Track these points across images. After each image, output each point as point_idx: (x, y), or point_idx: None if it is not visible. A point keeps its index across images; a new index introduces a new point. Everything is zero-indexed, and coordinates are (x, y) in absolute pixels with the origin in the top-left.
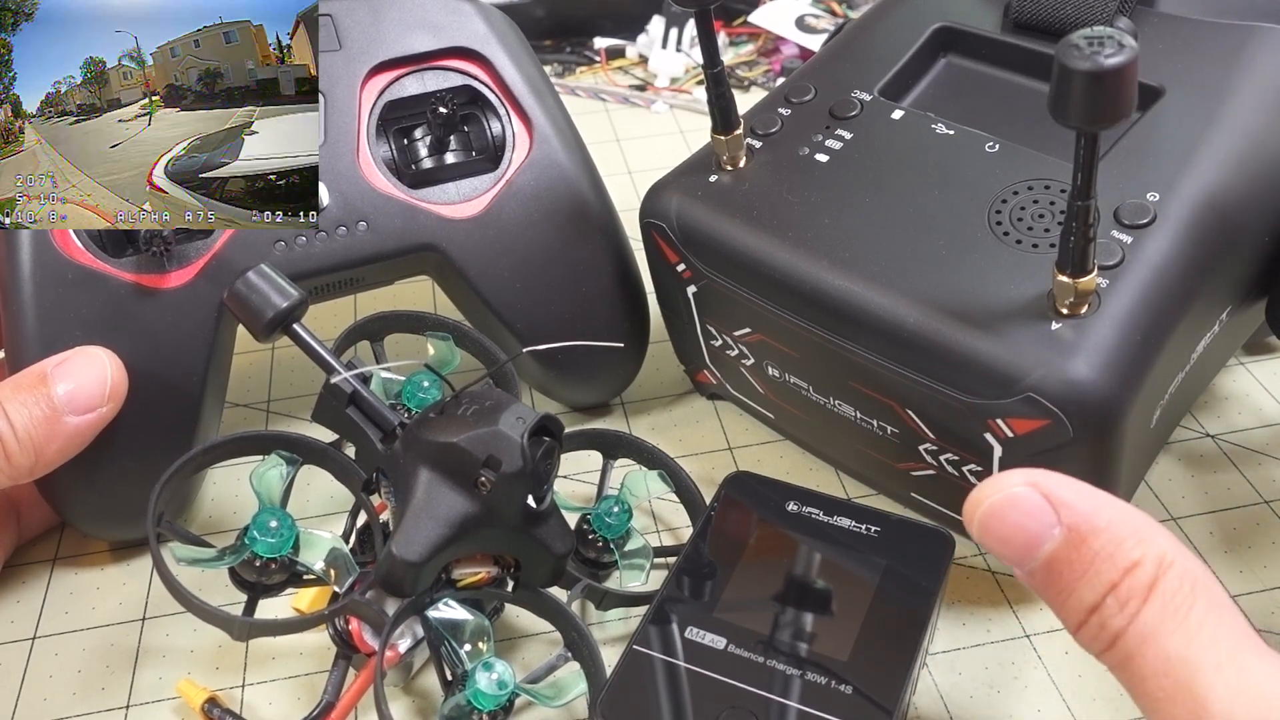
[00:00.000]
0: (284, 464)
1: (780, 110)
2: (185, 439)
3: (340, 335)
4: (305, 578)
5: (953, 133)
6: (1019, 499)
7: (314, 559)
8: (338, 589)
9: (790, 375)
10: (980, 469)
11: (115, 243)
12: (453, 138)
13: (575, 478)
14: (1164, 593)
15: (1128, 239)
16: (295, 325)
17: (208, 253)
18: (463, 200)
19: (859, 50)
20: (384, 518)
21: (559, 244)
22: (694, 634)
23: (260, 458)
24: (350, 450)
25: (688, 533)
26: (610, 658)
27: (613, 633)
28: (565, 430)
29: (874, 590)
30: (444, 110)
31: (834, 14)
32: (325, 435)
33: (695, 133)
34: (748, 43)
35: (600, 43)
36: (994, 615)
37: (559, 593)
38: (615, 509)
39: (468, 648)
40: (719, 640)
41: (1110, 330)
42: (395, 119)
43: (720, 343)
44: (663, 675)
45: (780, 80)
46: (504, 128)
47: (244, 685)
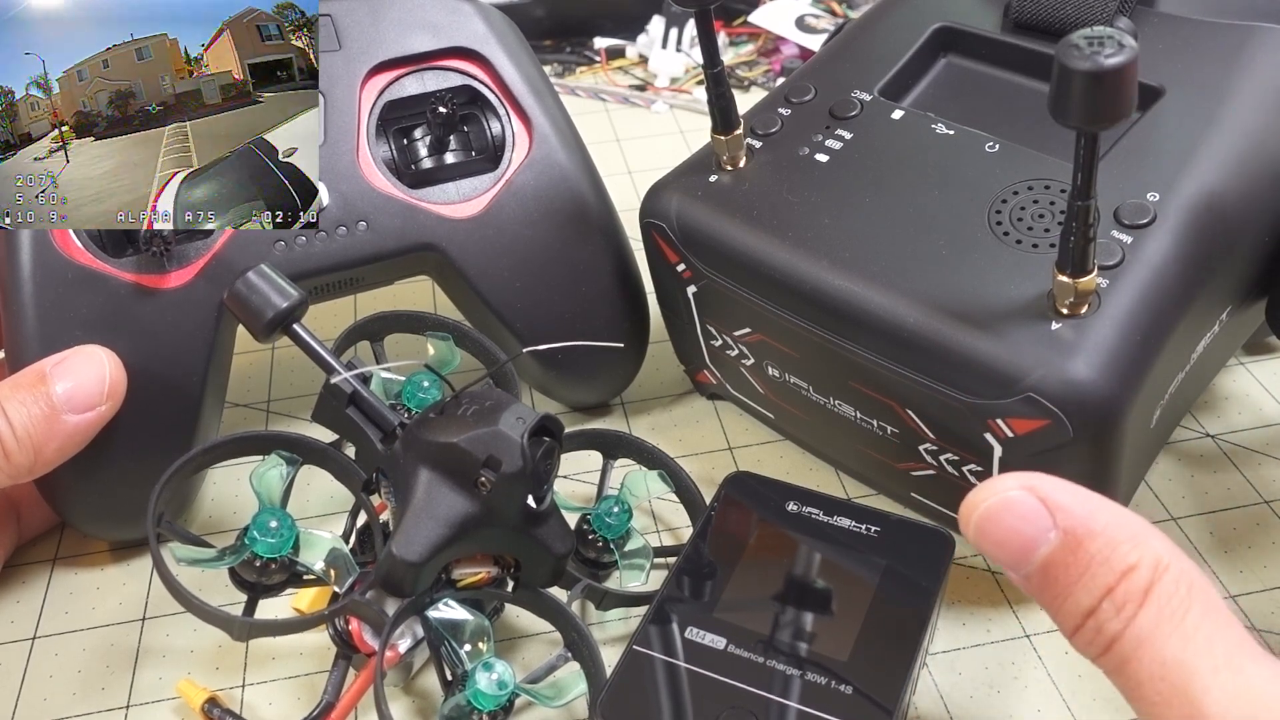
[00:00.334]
0: (284, 464)
1: (780, 110)
2: (185, 439)
3: (340, 335)
4: (305, 578)
5: (953, 133)
6: (1015, 502)
7: (314, 559)
8: (338, 589)
9: (790, 375)
10: (980, 469)
11: (115, 243)
12: (452, 138)
13: (575, 478)
14: (1160, 596)
15: (1128, 239)
16: (295, 325)
17: (208, 253)
18: (462, 200)
19: (859, 50)
20: (384, 518)
21: (559, 244)
22: (694, 634)
23: (260, 458)
24: (350, 450)
25: (688, 533)
26: (610, 658)
27: (613, 633)
28: (565, 430)
29: (874, 590)
30: (444, 110)
31: (834, 14)
32: (325, 435)
33: (695, 133)
34: (748, 43)
35: (600, 43)
36: (994, 615)
37: (559, 593)
38: (615, 509)
39: (468, 648)
40: (719, 640)
41: (1110, 330)
42: (395, 119)
43: (720, 343)
44: (663, 675)
45: (780, 80)
46: (504, 128)
47: (244, 685)
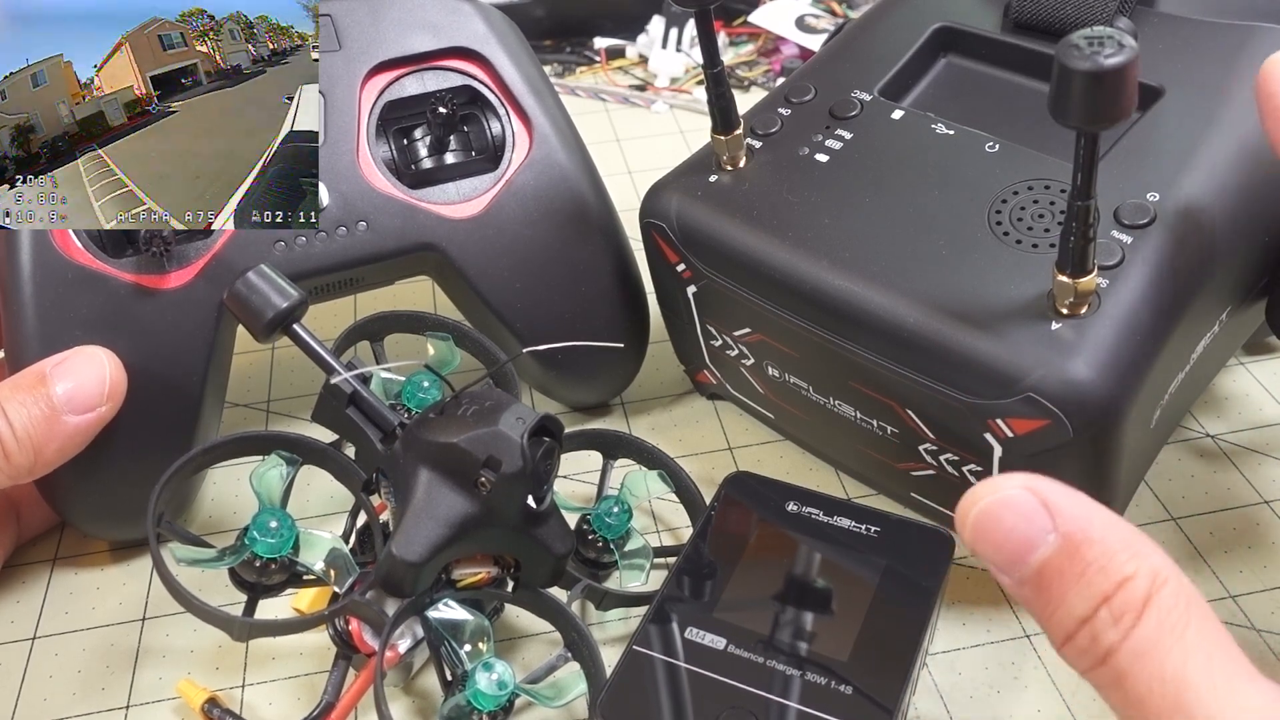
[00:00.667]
0: (284, 464)
1: (780, 110)
2: (185, 439)
3: (340, 335)
4: (305, 578)
5: (953, 133)
6: (1015, 502)
7: (314, 559)
8: (338, 589)
9: (790, 375)
10: (980, 469)
11: (115, 243)
12: (452, 138)
13: (575, 478)
14: (1160, 609)
15: (1128, 239)
16: (295, 325)
17: (208, 253)
18: (462, 200)
19: (859, 50)
20: (384, 518)
21: (559, 244)
22: (694, 634)
23: (260, 458)
24: (350, 450)
25: (688, 533)
26: (610, 658)
27: (613, 633)
28: (565, 430)
29: (874, 590)
30: (444, 110)
31: (834, 14)
32: (325, 435)
33: (695, 133)
34: (748, 43)
35: (600, 43)
36: (994, 615)
37: (559, 593)
38: (615, 509)
39: (468, 648)
40: (719, 640)
41: (1110, 330)
42: (395, 119)
43: (720, 343)
44: (663, 675)
45: (780, 80)
46: (504, 128)
47: (244, 685)
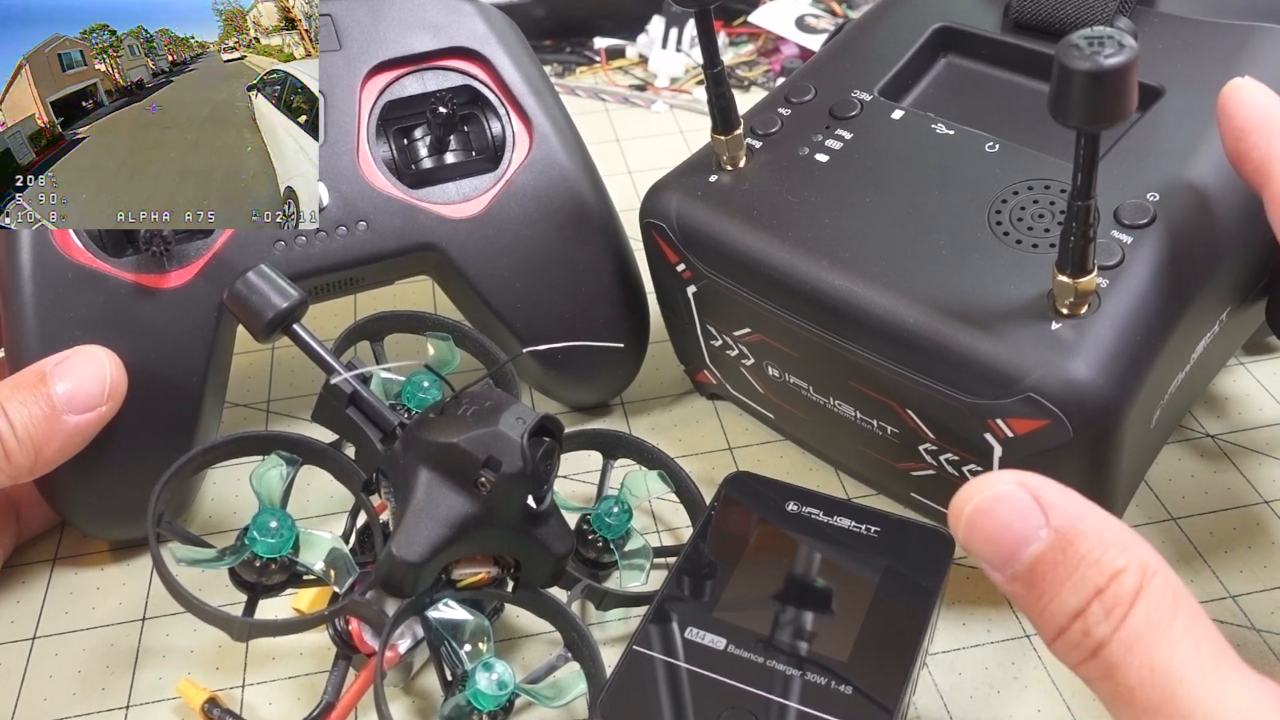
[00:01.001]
0: (284, 464)
1: (780, 110)
2: (185, 439)
3: (340, 335)
4: (305, 578)
5: (953, 133)
6: (1008, 497)
7: (314, 559)
8: (338, 589)
9: (790, 375)
10: (980, 469)
11: (115, 242)
12: (453, 138)
13: (575, 478)
14: (1149, 601)
15: (1128, 239)
16: (295, 325)
17: (208, 253)
18: (463, 200)
19: (859, 50)
20: (384, 518)
21: (559, 244)
22: (694, 634)
23: (260, 458)
24: (350, 450)
25: (688, 533)
26: (610, 658)
27: (613, 633)
28: (565, 430)
29: (874, 590)
30: (444, 110)
31: (834, 14)
32: (325, 435)
33: (695, 133)
34: (748, 43)
35: (600, 43)
36: (994, 615)
37: (559, 593)
38: (615, 509)
39: (468, 648)
40: (719, 640)
41: (1110, 330)
42: (395, 119)
43: (720, 343)
44: (663, 675)
45: (780, 80)
46: (504, 128)
47: (244, 685)
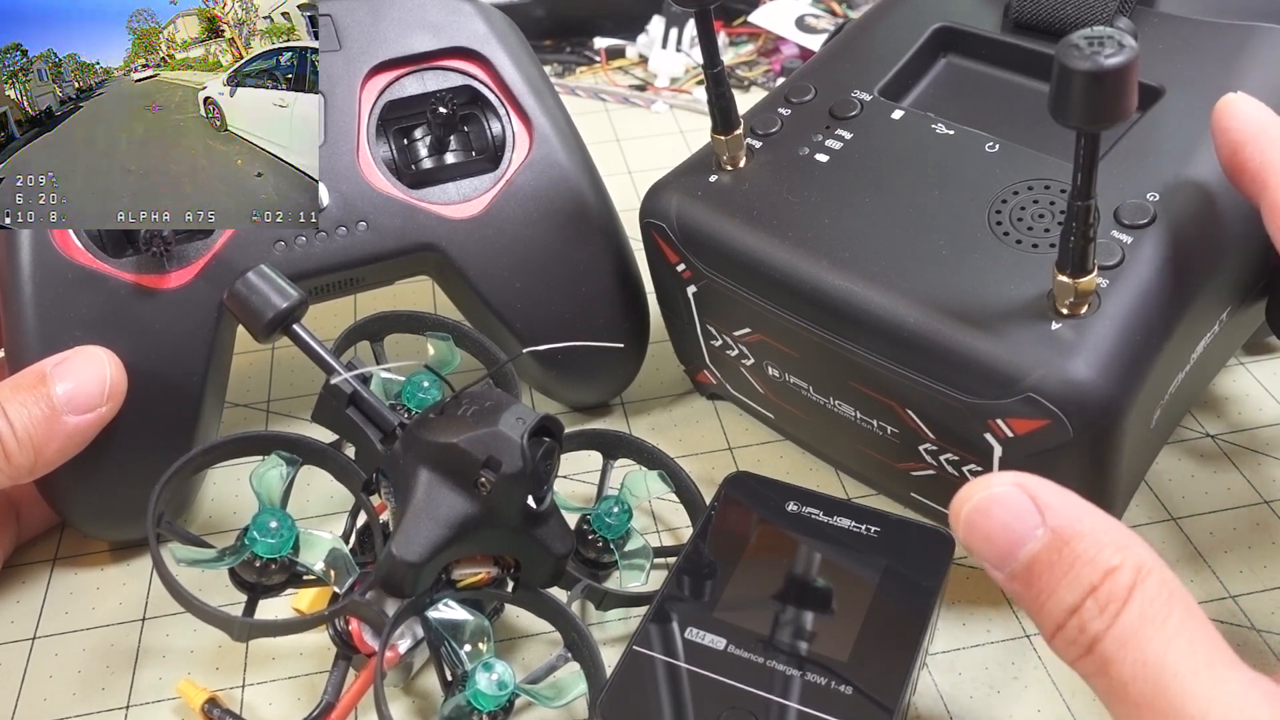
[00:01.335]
0: (284, 464)
1: (780, 110)
2: (185, 439)
3: (340, 335)
4: (305, 578)
5: (953, 133)
6: (1006, 498)
7: (314, 559)
8: (338, 589)
9: (790, 375)
10: (980, 469)
11: (115, 243)
12: (453, 138)
13: (575, 478)
14: (1143, 597)
15: (1128, 239)
16: (295, 325)
17: (208, 253)
18: (463, 200)
19: (859, 50)
20: (384, 518)
21: (559, 244)
22: (694, 634)
23: (260, 458)
24: (350, 450)
25: (688, 533)
26: (610, 658)
27: (613, 633)
28: (565, 430)
29: (874, 590)
30: (444, 110)
31: (834, 14)
32: (325, 435)
33: (695, 133)
34: (748, 43)
35: (600, 43)
36: (994, 615)
37: (559, 593)
38: (615, 509)
39: (468, 648)
40: (719, 640)
41: (1110, 330)
42: (395, 119)
43: (720, 343)
44: (663, 675)
45: (780, 80)
46: (504, 128)
47: (244, 685)
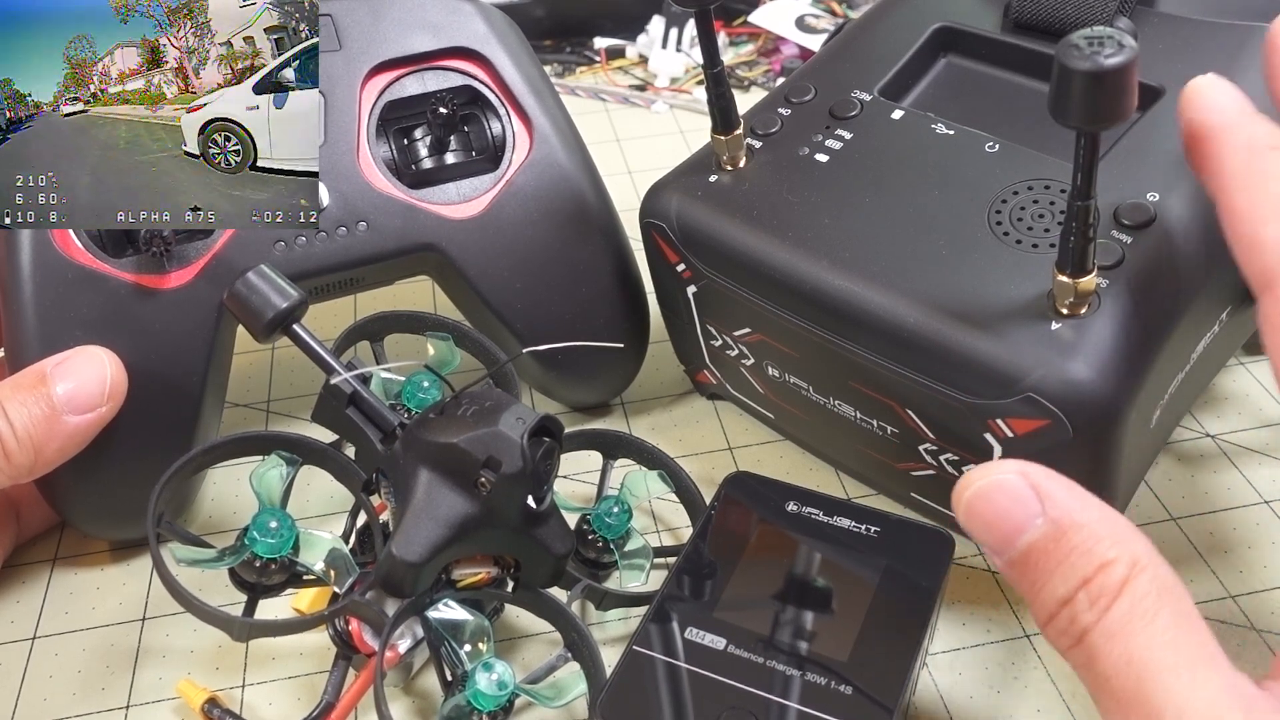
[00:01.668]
0: (284, 464)
1: (780, 110)
2: (185, 439)
3: (340, 335)
4: (305, 578)
5: (953, 133)
6: (1007, 485)
7: (314, 559)
8: (338, 589)
9: (790, 375)
10: None
11: (115, 243)
12: (453, 138)
13: (575, 478)
14: (1134, 594)
15: (1128, 239)
16: (295, 325)
17: (208, 253)
18: (463, 200)
19: (859, 50)
20: (384, 518)
21: (559, 244)
22: (694, 634)
23: (260, 458)
24: (350, 450)
25: (688, 533)
26: (610, 658)
27: (613, 633)
28: (565, 430)
29: (874, 590)
30: (444, 110)
31: (834, 14)
32: (325, 435)
33: (695, 133)
34: (748, 43)
35: (600, 43)
36: (994, 615)
37: (559, 593)
38: (615, 509)
39: (468, 648)
40: (719, 640)
41: (1110, 330)
42: (395, 119)
43: (720, 343)
44: (663, 675)
45: (780, 80)
46: (504, 128)
47: (244, 685)
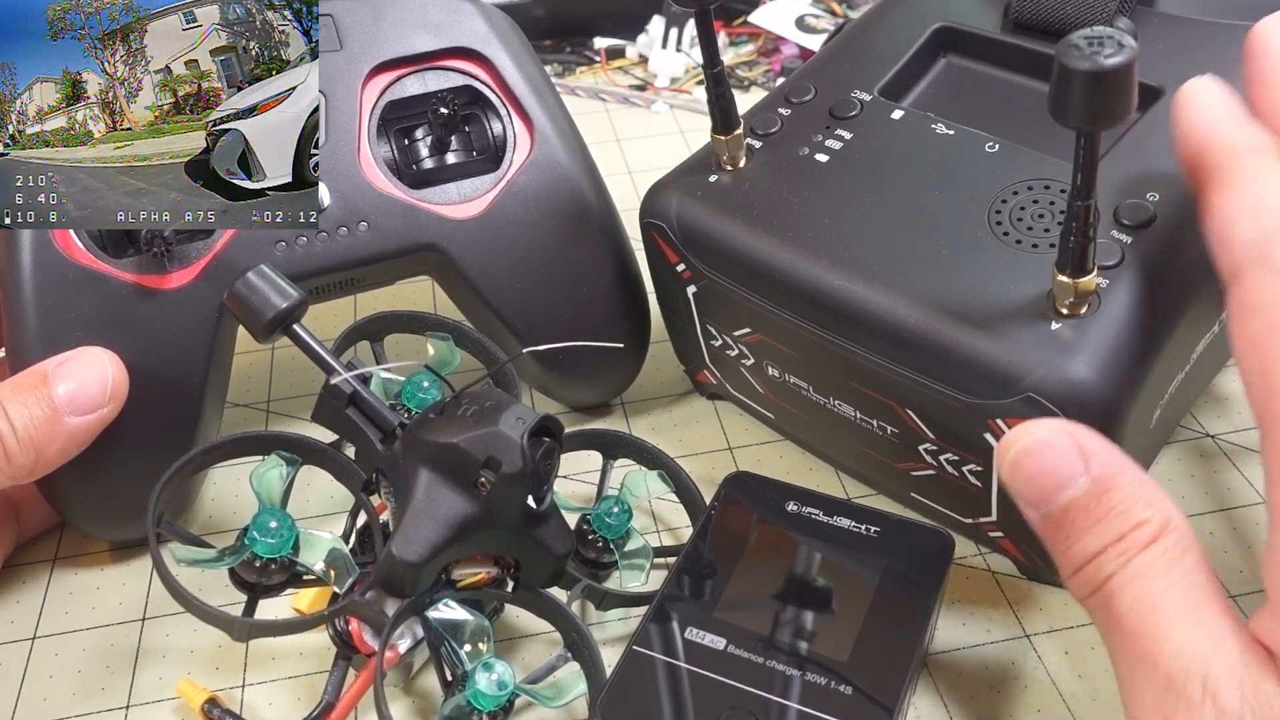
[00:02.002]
0: (284, 464)
1: (780, 110)
2: (185, 439)
3: (340, 335)
4: (305, 578)
5: (953, 133)
6: (1055, 443)
7: (314, 559)
8: (338, 589)
9: (790, 375)
10: (980, 469)
11: (116, 243)
12: (454, 138)
13: (575, 478)
14: (1160, 548)
15: (1128, 239)
16: (295, 326)
17: (208, 253)
18: (463, 200)
19: (859, 50)
20: (384, 518)
21: (559, 244)
22: (694, 634)
23: (260, 458)
24: (350, 450)
25: (688, 533)
26: (610, 658)
27: (613, 633)
28: (565, 430)
29: (874, 590)
30: (445, 110)
31: (834, 14)
32: (325, 435)
33: (695, 133)
34: (748, 43)
35: (600, 43)
36: (994, 615)
37: (559, 593)
38: (615, 509)
39: (468, 648)
40: (719, 640)
41: (1110, 330)
42: (396, 119)
43: (720, 343)
44: (663, 675)
45: (780, 80)
46: (505, 128)
47: (244, 685)
